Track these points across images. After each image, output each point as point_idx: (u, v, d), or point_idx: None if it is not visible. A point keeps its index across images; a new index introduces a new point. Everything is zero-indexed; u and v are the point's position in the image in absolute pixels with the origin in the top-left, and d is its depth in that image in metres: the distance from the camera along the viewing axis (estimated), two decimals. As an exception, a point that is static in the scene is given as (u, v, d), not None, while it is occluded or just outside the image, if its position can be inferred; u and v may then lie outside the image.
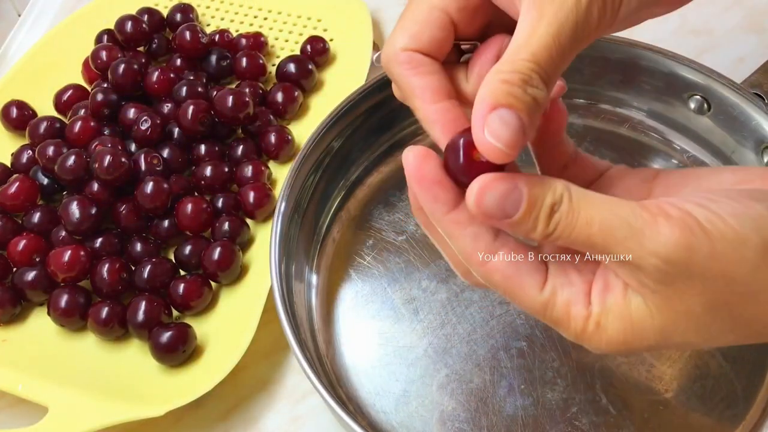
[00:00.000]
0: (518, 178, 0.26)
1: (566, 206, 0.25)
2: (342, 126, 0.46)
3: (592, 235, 0.25)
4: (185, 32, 0.55)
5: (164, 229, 0.47)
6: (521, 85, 0.25)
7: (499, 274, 0.27)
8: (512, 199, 0.25)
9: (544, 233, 0.26)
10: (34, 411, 0.42)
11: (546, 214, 0.25)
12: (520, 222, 0.26)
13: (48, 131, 0.51)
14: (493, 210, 0.25)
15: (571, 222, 0.25)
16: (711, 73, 0.45)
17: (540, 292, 0.27)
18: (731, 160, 0.47)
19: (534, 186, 0.25)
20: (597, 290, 0.27)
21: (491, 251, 0.27)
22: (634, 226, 0.24)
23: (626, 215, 0.25)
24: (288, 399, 0.44)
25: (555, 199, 0.25)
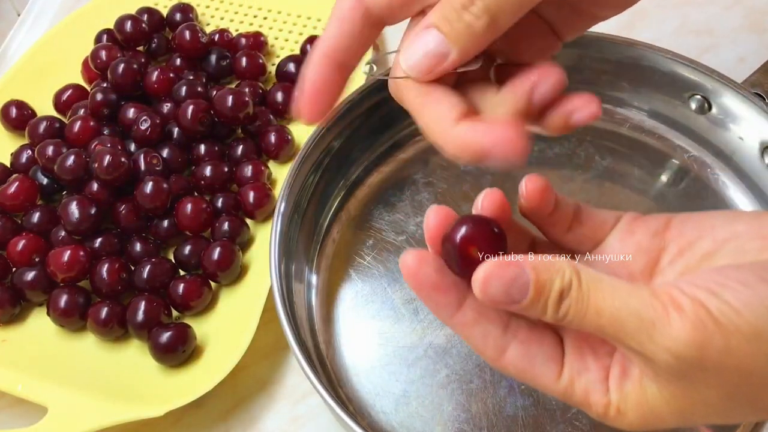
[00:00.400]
0: (525, 262, 0.25)
1: (575, 293, 0.24)
2: (342, 126, 0.46)
3: (603, 326, 0.24)
4: (185, 32, 0.55)
5: (164, 229, 0.47)
6: (458, 8, 0.25)
7: (513, 367, 0.27)
8: (519, 284, 0.25)
9: (553, 318, 0.25)
10: (34, 411, 0.42)
11: (555, 300, 0.25)
12: (529, 308, 0.25)
13: (47, 131, 0.51)
14: (500, 297, 0.25)
15: (581, 310, 0.24)
16: (712, 73, 0.45)
17: (556, 381, 0.27)
18: (731, 160, 0.47)
19: (542, 271, 0.25)
20: (614, 376, 0.26)
21: (502, 347, 0.27)
22: (645, 318, 0.24)
23: (637, 306, 0.24)
24: (288, 399, 0.44)
25: (564, 285, 0.25)
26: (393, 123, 0.50)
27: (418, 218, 0.47)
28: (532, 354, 0.27)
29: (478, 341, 0.27)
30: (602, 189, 0.47)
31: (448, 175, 0.49)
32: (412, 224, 0.47)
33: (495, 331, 0.27)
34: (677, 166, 0.48)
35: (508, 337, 0.27)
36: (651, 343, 0.23)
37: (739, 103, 0.45)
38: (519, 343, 0.27)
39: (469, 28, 0.25)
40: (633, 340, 0.24)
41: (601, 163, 0.49)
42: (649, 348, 0.24)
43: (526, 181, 0.29)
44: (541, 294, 0.25)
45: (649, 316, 0.23)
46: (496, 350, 0.27)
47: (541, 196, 0.29)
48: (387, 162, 0.50)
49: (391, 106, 0.48)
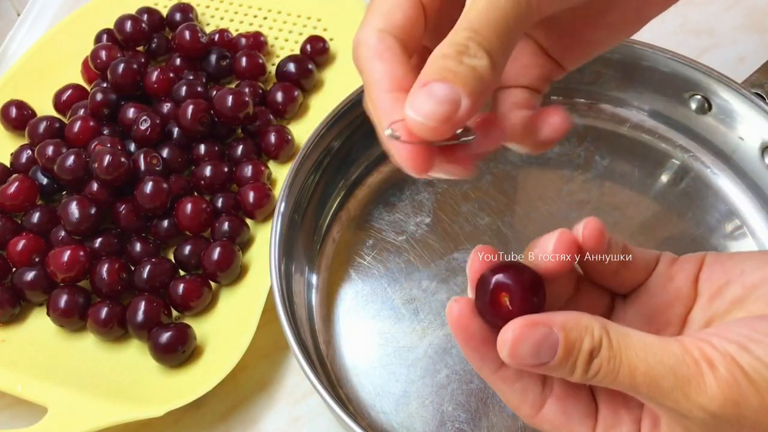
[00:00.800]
0: (553, 320, 0.24)
1: (606, 352, 0.24)
2: (342, 126, 0.46)
3: (636, 384, 0.24)
4: (185, 32, 0.55)
5: (164, 229, 0.47)
6: (456, 56, 0.24)
7: (548, 424, 0.27)
8: (547, 345, 0.24)
9: (583, 378, 0.25)
10: (34, 411, 0.42)
11: (585, 361, 0.24)
12: (557, 368, 0.24)
13: (47, 131, 0.51)
14: (528, 360, 0.24)
15: (613, 369, 0.24)
16: (712, 73, 0.45)
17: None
18: (732, 160, 0.47)
19: (571, 330, 0.24)
20: (646, 428, 0.26)
21: (539, 404, 0.27)
22: (680, 376, 0.23)
23: (671, 364, 0.23)
24: (288, 399, 0.44)
25: (594, 344, 0.24)
26: (393, 123, 0.49)
27: (418, 218, 0.47)
28: (569, 411, 0.27)
29: (517, 397, 0.27)
30: (602, 189, 0.47)
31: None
32: (412, 224, 0.47)
33: (534, 387, 0.27)
34: (677, 166, 0.48)
35: (546, 393, 0.27)
36: (687, 402, 0.23)
37: (739, 103, 0.45)
38: (555, 400, 0.27)
39: (473, 71, 0.24)
40: (669, 399, 0.23)
41: (601, 163, 0.49)
42: (684, 406, 0.23)
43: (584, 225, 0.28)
44: (571, 354, 0.24)
45: (683, 373, 0.23)
46: (534, 407, 0.27)
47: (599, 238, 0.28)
48: (387, 162, 0.50)
49: (391, 106, 0.48)
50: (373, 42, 0.26)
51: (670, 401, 0.24)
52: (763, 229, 0.45)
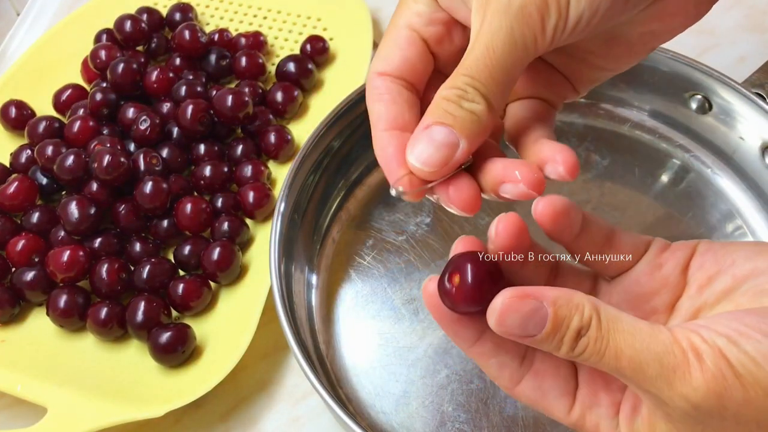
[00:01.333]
0: (544, 294, 0.24)
1: (594, 333, 0.24)
2: (342, 126, 0.46)
3: (621, 368, 0.24)
4: (184, 31, 0.55)
5: (163, 229, 0.47)
6: (456, 100, 0.25)
7: (525, 398, 0.28)
8: (536, 318, 0.24)
9: (568, 355, 0.25)
10: (33, 411, 0.42)
11: (572, 338, 0.24)
12: (543, 342, 0.25)
13: (47, 131, 0.51)
14: (516, 330, 0.25)
15: (599, 350, 0.24)
16: (712, 73, 0.45)
17: (567, 415, 0.27)
18: (732, 160, 0.47)
19: (561, 306, 0.24)
20: (625, 412, 0.27)
21: (516, 378, 0.28)
22: (666, 364, 0.23)
23: (658, 351, 0.24)
24: (288, 399, 0.44)
25: (582, 322, 0.24)
26: (393, 123, 0.49)
27: (418, 218, 0.47)
28: (546, 388, 0.28)
29: (494, 371, 0.28)
30: (602, 189, 0.47)
31: (448, 175, 0.48)
32: (412, 224, 0.47)
33: (511, 363, 0.28)
34: (678, 166, 0.48)
35: (523, 370, 0.28)
36: (670, 390, 0.23)
37: (739, 102, 0.45)
38: (533, 376, 0.28)
39: (471, 115, 0.25)
40: (652, 385, 0.24)
41: (601, 163, 0.49)
42: (667, 394, 0.23)
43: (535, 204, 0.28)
44: (558, 330, 0.24)
45: (669, 362, 0.23)
46: (511, 381, 0.28)
47: (554, 218, 0.28)
48: (387, 162, 0.49)
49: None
50: (373, 85, 0.29)
51: (653, 388, 0.24)
52: (764, 229, 0.45)
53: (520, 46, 0.25)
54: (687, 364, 0.23)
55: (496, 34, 0.25)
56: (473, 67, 0.25)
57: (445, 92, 0.26)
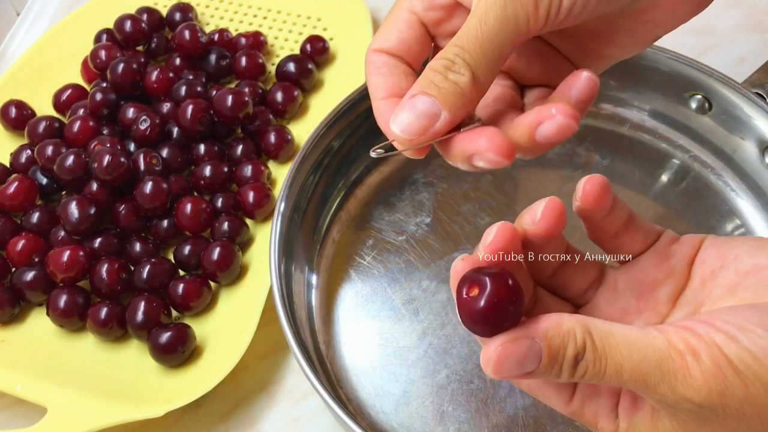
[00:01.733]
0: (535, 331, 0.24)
1: (591, 355, 0.24)
2: (342, 126, 0.46)
3: (624, 382, 0.24)
4: (184, 31, 0.55)
5: (163, 229, 0.47)
6: (442, 70, 0.26)
7: (524, 386, 0.28)
8: (531, 356, 0.24)
9: (569, 380, 0.25)
10: (33, 411, 0.42)
11: (570, 365, 0.24)
12: (543, 374, 0.25)
13: (47, 131, 0.51)
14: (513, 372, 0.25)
15: (599, 371, 0.24)
16: (712, 73, 0.45)
17: (567, 405, 0.27)
18: (732, 160, 0.47)
19: (553, 338, 0.24)
20: (625, 406, 0.27)
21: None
22: (666, 371, 0.23)
23: (656, 359, 0.24)
24: (288, 399, 0.44)
25: (578, 349, 0.24)
26: (393, 123, 0.49)
27: (418, 218, 0.47)
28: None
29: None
30: (602, 189, 0.47)
31: (448, 175, 0.48)
32: (412, 224, 0.47)
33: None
34: (677, 166, 0.48)
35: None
36: (673, 395, 0.23)
37: (739, 102, 0.45)
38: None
39: (455, 87, 0.26)
40: (656, 393, 0.24)
41: (601, 163, 0.49)
42: (672, 399, 0.24)
43: (585, 183, 0.28)
44: (555, 361, 0.24)
45: (669, 367, 0.23)
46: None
47: (598, 198, 0.28)
48: (387, 162, 0.50)
49: (391, 106, 0.48)
50: (370, 60, 0.31)
51: (657, 395, 0.24)
52: (764, 229, 0.45)
53: (512, 22, 0.26)
54: (686, 366, 0.23)
55: (490, 8, 0.26)
56: (464, 38, 0.26)
57: (434, 62, 0.27)
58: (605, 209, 0.29)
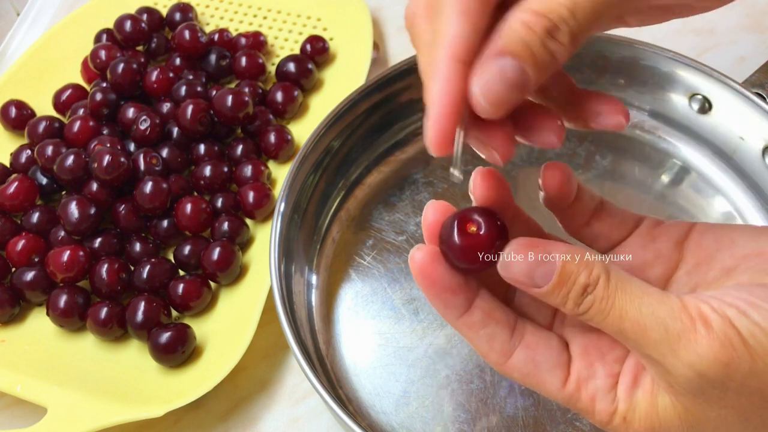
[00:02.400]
0: (556, 247, 0.24)
1: (601, 291, 0.24)
2: (342, 126, 0.46)
3: (624, 330, 0.23)
4: (184, 31, 0.55)
5: (163, 229, 0.47)
6: (542, 34, 0.22)
7: (517, 372, 0.26)
8: (543, 270, 0.24)
9: (573, 311, 0.24)
10: (33, 411, 0.42)
11: (577, 293, 0.24)
12: (548, 295, 0.24)
13: (47, 131, 0.51)
14: (522, 279, 0.24)
15: (604, 309, 0.24)
16: (712, 73, 0.45)
17: (562, 388, 0.26)
18: (732, 160, 0.47)
19: (569, 261, 0.24)
20: (624, 384, 0.26)
21: (507, 351, 0.26)
22: (671, 330, 0.23)
23: (664, 316, 0.23)
24: (288, 400, 0.44)
25: (590, 280, 0.24)
26: (393, 123, 0.49)
27: (418, 218, 0.47)
28: (539, 360, 0.26)
29: (484, 344, 0.26)
30: (602, 189, 0.47)
31: (448, 174, 0.48)
32: (412, 224, 0.47)
33: (502, 334, 0.26)
34: (677, 166, 0.48)
35: (514, 341, 0.26)
36: (673, 357, 0.23)
37: (739, 102, 0.44)
38: (525, 348, 0.26)
39: (551, 58, 0.22)
40: (655, 350, 0.23)
41: (601, 163, 0.49)
42: (671, 361, 0.23)
43: (544, 169, 0.27)
44: (564, 284, 0.24)
45: (675, 328, 0.23)
46: (502, 354, 0.26)
47: (560, 184, 0.28)
48: (387, 162, 0.50)
49: (391, 106, 0.49)
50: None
51: (656, 353, 0.23)
52: (764, 229, 0.45)
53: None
54: (694, 331, 0.23)
55: None
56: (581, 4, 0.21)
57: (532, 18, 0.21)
58: (570, 195, 0.28)
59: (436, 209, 0.27)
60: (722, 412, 0.24)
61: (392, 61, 0.59)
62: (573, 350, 0.27)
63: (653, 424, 0.25)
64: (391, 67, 0.47)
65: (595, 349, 0.27)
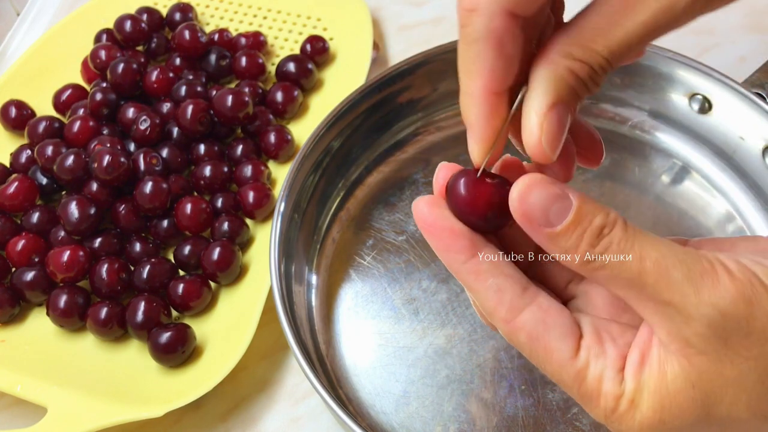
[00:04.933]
0: (571, 190, 0.23)
1: (619, 232, 0.23)
2: (342, 126, 0.46)
3: (644, 272, 0.22)
4: (184, 31, 0.55)
5: (163, 229, 0.47)
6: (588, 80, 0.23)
7: (525, 333, 0.24)
8: (559, 206, 0.23)
9: (586, 256, 0.23)
10: (33, 411, 0.42)
11: (594, 234, 0.23)
12: (562, 235, 0.23)
13: (47, 131, 0.51)
14: (536, 212, 0.23)
15: (624, 249, 0.22)
16: (712, 73, 0.45)
17: (571, 360, 0.24)
18: (732, 160, 0.47)
19: (586, 202, 0.23)
20: (632, 364, 0.24)
21: (517, 307, 0.24)
22: (694, 270, 0.22)
23: (685, 258, 0.22)
24: (288, 400, 0.44)
25: (606, 221, 0.23)
26: (393, 123, 0.49)
27: (418, 218, 0.47)
28: (550, 323, 0.24)
29: (491, 296, 0.24)
30: (602, 189, 0.47)
31: (448, 174, 0.48)
32: (412, 224, 0.47)
33: (512, 288, 0.24)
34: (677, 166, 0.48)
35: (525, 299, 0.24)
36: (696, 296, 0.22)
37: (739, 102, 0.44)
38: (536, 307, 0.24)
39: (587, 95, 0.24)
40: (677, 291, 0.22)
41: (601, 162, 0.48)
42: (693, 301, 0.22)
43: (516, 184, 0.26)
44: (580, 222, 0.23)
45: (697, 268, 0.22)
46: (511, 310, 0.24)
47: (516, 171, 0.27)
48: (387, 162, 0.50)
49: (391, 106, 0.49)
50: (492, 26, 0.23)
51: (678, 295, 0.22)
52: (764, 229, 0.45)
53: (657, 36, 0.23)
54: (715, 272, 0.22)
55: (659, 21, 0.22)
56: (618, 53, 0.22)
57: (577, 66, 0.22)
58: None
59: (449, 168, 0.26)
60: (743, 368, 0.22)
61: (392, 61, 0.59)
62: (584, 327, 0.25)
63: (662, 403, 0.23)
64: (391, 67, 0.47)
65: (606, 332, 0.25)
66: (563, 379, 0.25)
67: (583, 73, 0.23)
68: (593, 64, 0.23)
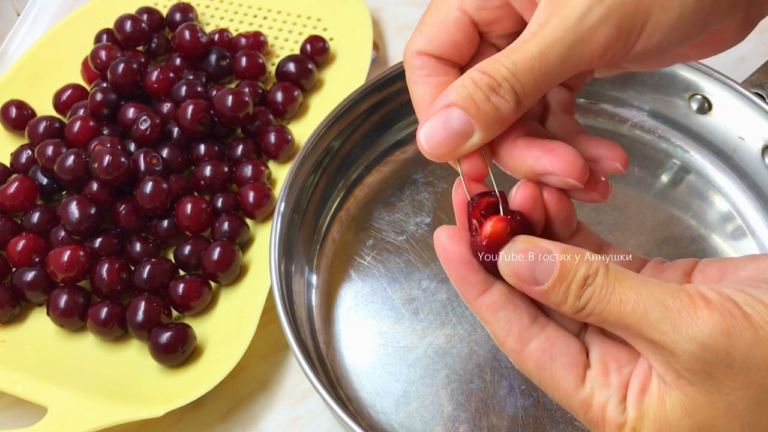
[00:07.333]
0: (554, 246, 0.25)
1: (601, 280, 0.24)
2: (342, 126, 0.46)
3: (625, 315, 0.23)
4: (185, 32, 0.55)
5: (164, 229, 0.47)
6: (486, 90, 0.25)
7: (533, 363, 0.26)
8: (544, 265, 0.24)
9: (574, 307, 0.24)
10: (34, 411, 0.42)
11: (578, 286, 0.24)
12: (550, 291, 0.24)
13: (47, 131, 0.51)
14: (524, 274, 0.25)
15: (604, 297, 0.24)
16: (712, 73, 0.45)
17: (577, 390, 0.25)
18: (732, 160, 0.47)
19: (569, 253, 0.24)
20: (633, 393, 0.25)
21: (526, 338, 0.26)
22: (671, 308, 0.23)
23: (663, 296, 0.23)
24: (288, 399, 0.44)
25: (589, 271, 0.24)
26: (393, 123, 0.49)
27: (418, 218, 0.47)
28: (556, 353, 0.26)
29: (502, 327, 0.26)
30: (602, 189, 0.47)
31: (448, 175, 0.49)
32: (412, 224, 0.47)
33: (521, 320, 0.26)
34: (677, 166, 0.48)
35: (534, 330, 0.26)
36: (675, 333, 0.23)
37: (739, 102, 0.45)
38: (545, 338, 0.26)
39: (496, 111, 0.25)
40: (656, 330, 0.23)
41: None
42: (673, 338, 0.23)
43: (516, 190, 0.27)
44: (565, 277, 0.24)
45: (675, 305, 0.23)
46: (520, 341, 0.26)
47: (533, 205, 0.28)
48: (387, 162, 0.50)
49: (391, 106, 0.49)
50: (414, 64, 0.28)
51: (658, 333, 0.23)
52: (763, 229, 0.45)
53: (575, 61, 0.25)
54: (693, 306, 0.23)
55: (556, 43, 0.24)
56: (519, 65, 0.25)
57: (478, 75, 0.25)
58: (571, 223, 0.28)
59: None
60: (732, 398, 0.23)
61: (392, 61, 0.59)
62: (592, 356, 0.27)
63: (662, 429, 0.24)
64: (391, 67, 0.47)
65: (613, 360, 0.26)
66: (571, 406, 0.26)
67: (482, 81, 0.25)
68: (495, 75, 0.25)
